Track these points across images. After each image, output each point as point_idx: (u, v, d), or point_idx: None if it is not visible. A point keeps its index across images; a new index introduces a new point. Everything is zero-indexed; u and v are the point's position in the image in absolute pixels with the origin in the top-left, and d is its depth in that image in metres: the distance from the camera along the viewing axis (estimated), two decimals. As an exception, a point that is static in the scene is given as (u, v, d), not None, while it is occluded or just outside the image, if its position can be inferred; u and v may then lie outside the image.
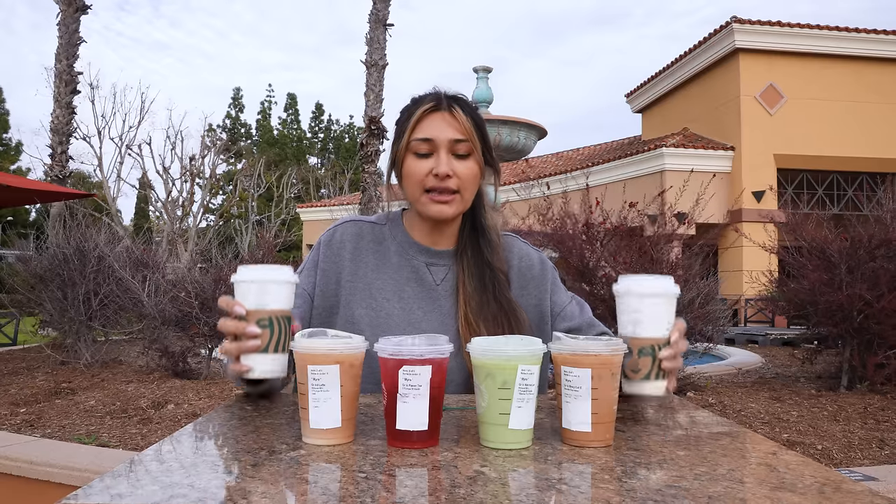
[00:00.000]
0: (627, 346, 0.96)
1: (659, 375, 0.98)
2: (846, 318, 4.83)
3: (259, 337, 0.93)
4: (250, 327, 0.93)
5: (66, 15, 10.67)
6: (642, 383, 0.98)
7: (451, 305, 1.30)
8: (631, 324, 0.98)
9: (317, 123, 45.72)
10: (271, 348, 0.94)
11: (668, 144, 14.25)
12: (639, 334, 0.97)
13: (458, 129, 1.23)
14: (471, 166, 1.24)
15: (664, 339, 0.97)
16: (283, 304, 0.95)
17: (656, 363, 0.97)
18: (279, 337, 0.94)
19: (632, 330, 0.98)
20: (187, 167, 21.98)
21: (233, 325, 0.95)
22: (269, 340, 0.93)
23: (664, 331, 0.97)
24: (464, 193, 1.25)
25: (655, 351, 0.97)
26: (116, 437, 3.57)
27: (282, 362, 0.95)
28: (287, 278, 0.95)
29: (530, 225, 6.16)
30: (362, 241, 1.34)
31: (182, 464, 0.75)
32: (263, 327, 0.93)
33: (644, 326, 0.97)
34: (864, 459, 3.23)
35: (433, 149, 1.23)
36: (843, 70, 14.70)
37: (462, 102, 1.26)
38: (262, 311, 0.93)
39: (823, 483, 0.70)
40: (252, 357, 0.94)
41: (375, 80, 10.21)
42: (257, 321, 0.93)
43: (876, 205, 5.55)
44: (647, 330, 0.97)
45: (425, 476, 0.72)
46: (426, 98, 1.27)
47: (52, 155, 10.71)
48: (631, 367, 0.98)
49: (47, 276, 6.27)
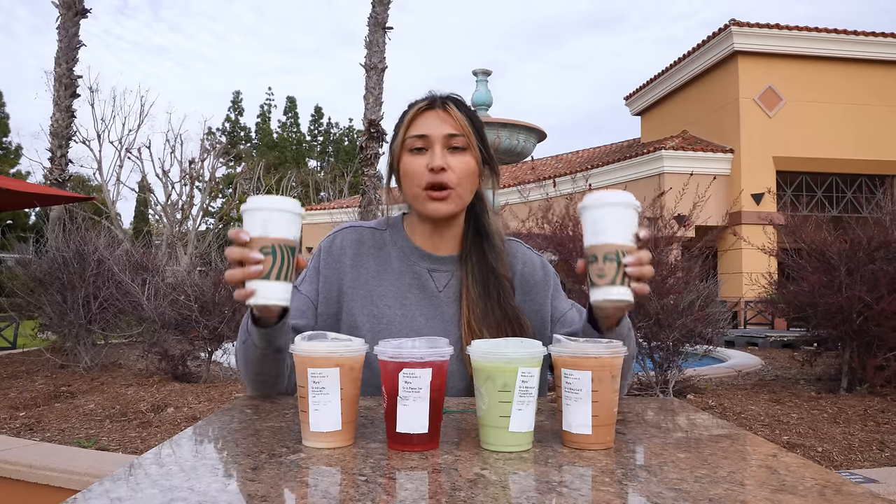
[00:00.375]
0: (592, 254, 0.98)
1: (624, 281, 0.98)
2: (846, 320, 4.83)
3: (262, 263, 0.95)
4: (253, 253, 0.95)
5: (66, 19, 10.68)
6: (608, 289, 0.98)
7: (453, 312, 1.29)
8: (595, 232, 0.99)
9: (316, 126, 45.78)
10: (273, 275, 0.95)
11: (667, 147, 14.26)
12: (603, 240, 0.98)
13: (453, 125, 1.23)
14: (467, 160, 1.24)
15: (629, 246, 0.98)
16: (287, 234, 0.96)
17: (621, 268, 0.97)
18: (282, 265, 0.95)
19: (595, 237, 0.99)
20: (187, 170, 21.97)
21: (237, 252, 0.96)
22: (271, 267, 0.95)
23: (628, 238, 0.98)
24: (459, 188, 1.24)
25: (620, 256, 0.97)
26: (116, 440, 3.56)
27: (284, 290, 0.96)
28: (291, 208, 0.97)
29: (530, 228, 6.16)
30: (363, 247, 1.33)
31: (182, 467, 0.75)
32: (266, 254, 0.95)
33: (608, 233, 0.98)
34: (865, 462, 3.23)
35: (428, 144, 1.23)
36: (842, 72, 14.72)
37: (456, 100, 1.27)
38: (265, 239, 0.95)
39: (824, 485, 0.70)
40: (255, 283, 0.95)
41: (375, 83, 10.22)
42: (261, 248, 0.95)
43: (875, 207, 5.55)
44: (611, 236, 0.98)
45: (426, 479, 0.72)
46: (421, 98, 1.28)
47: (51, 158, 10.72)
48: (596, 273, 0.99)
49: (47, 279, 6.27)
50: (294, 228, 0.97)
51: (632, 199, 0.99)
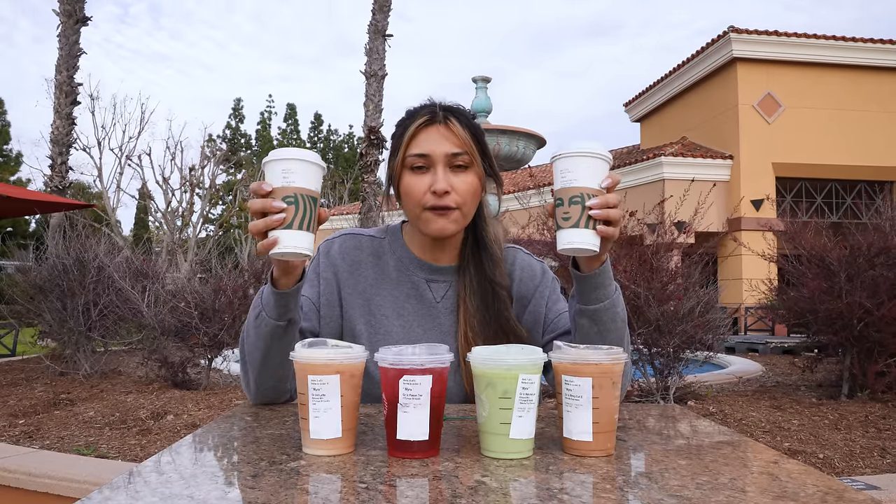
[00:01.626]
0: (559, 197, 1.00)
1: (588, 223, 0.99)
2: (846, 326, 4.82)
3: (285, 212, 0.95)
4: (276, 202, 0.95)
5: (67, 26, 10.71)
6: (572, 231, 0.99)
7: (451, 323, 1.29)
8: (563, 178, 1.00)
9: (316, 133, 45.87)
10: (296, 224, 0.95)
11: (666, 153, 14.28)
12: (570, 184, 0.99)
13: (455, 142, 1.19)
14: (470, 180, 1.20)
15: (595, 189, 0.99)
16: (309, 184, 0.96)
17: (586, 210, 0.98)
18: (304, 214, 0.95)
19: (563, 182, 1.00)
20: (187, 177, 22.00)
21: (259, 203, 0.96)
22: (293, 216, 0.95)
23: (595, 184, 0.99)
24: (463, 208, 1.21)
25: (584, 198, 0.98)
26: (115, 448, 3.55)
27: (308, 240, 0.96)
28: (312, 159, 0.97)
29: (530, 234, 6.16)
30: (361, 254, 1.32)
31: (181, 475, 0.75)
32: (289, 203, 0.95)
33: (575, 178, 0.99)
34: (866, 468, 3.22)
35: (430, 164, 1.19)
36: (841, 79, 14.76)
37: (458, 113, 1.22)
38: (287, 189, 0.95)
39: (826, 492, 0.69)
40: (278, 232, 0.95)
41: (375, 90, 10.24)
42: (283, 198, 0.95)
43: (875, 213, 5.55)
44: (578, 181, 0.99)
45: (426, 486, 0.72)
46: (421, 111, 1.22)
47: (52, 166, 10.72)
48: (561, 215, 1.00)
49: (47, 286, 6.26)
50: (315, 179, 0.97)
51: (603, 151, 1.00)
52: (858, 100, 14.68)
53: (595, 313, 1.13)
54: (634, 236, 5.30)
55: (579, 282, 1.12)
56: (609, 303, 1.13)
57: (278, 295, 1.10)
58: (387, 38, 10.38)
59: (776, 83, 14.57)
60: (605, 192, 1.00)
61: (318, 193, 0.98)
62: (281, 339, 1.13)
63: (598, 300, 1.12)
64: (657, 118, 18.42)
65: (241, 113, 44.32)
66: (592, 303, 1.12)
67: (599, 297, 1.12)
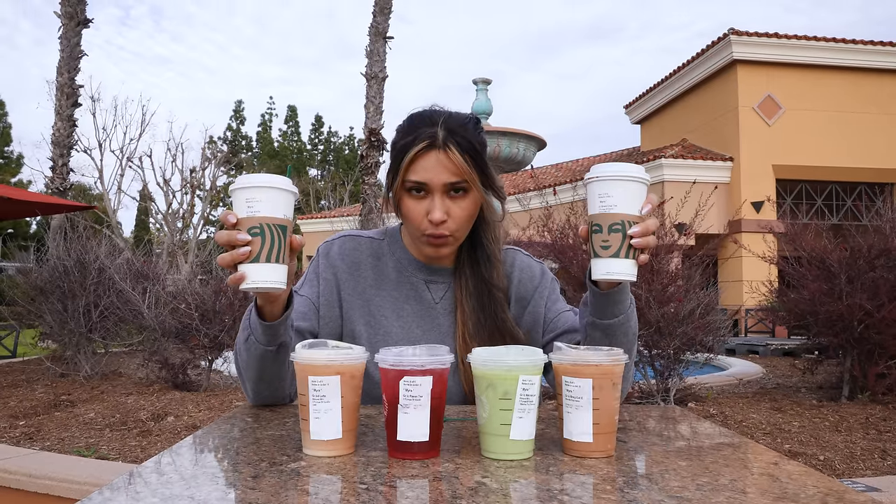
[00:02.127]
0: (596, 223, 0.96)
1: (629, 253, 0.95)
2: (846, 328, 4.82)
3: (250, 244, 0.91)
4: (240, 234, 0.91)
5: (68, 28, 10.72)
6: (611, 261, 0.96)
7: (449, 324, 1.29)
8: (601, 203, 0.96)
9: (317, 135, 45.89)
10: (263, 257, 0.91)
11: (667, 155, 14.29)
12: (609, 210, 0.95)
13: (453, 171, 1.17)
14: (467, 206, 1.20)
15: (635, 216, 0.95)
16: (276, 212, 0.91)
17: (627, 239, 0.95)
18: (272, 245, 0.91)
19: (601, 207, 0.96)
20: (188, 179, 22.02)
21: (224, 236, 0.92)
22: (260, 248, 0.91)
23: (635, 209, 0.96)
24: (457, 233, 1.22)
25: (626, 227, 0.94)
26: (116, 449, 3.55)
27: (277, 272, 0.92)
28: (278, 185, 0.92)
29: (530, 236, 6.16)
30: (360, 255, 1.33)
31: (182, 476, 0.75)
32: (254, 235, 0.91)
33: (615, 204, 0.95)
34: (867, 470, 3.21)
35: (427, 191, 1.19)
36: (841, 81, 14.76)
37: (459, 136, 1.17)
38: (252, 219, 0.91)
39: (826, 493, 0.69)
40: (245, 266, 0.92)
41: (375, 92, 10.25)
42: (248, 229, 0.91)
43: (875, 215, 5.55)
44: (617, 207, 0.95)
45: (426, 487, 0.72)
46: (421, 132, 1.17)
47: (53, 167, 10.73)
48: (600, 244, 0.96)
49: (48, 288, 6.27)
50: (284, 206, 0.93)
51: (641, 172, 0.96)
52: (858, 102, 14.69)
53: (609, 327, 1.13)
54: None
55: (597, 297, 1.11)
56: (624, 318, 1.13)
57: (265, 325, 1.09)
58: (387, 41, 10.38)
59: (776, 85, 14.57)
60: (645, 219, 0.97)
61: (288, 221, 0.93)
62: (274, 360, 1.13)
63: (613, 315, 1.12)
64: (657, 120, 18.43)
65: (242, 115, 44.36)
66: (608, 317, 1.12)
67: (615, 313, 1.12)
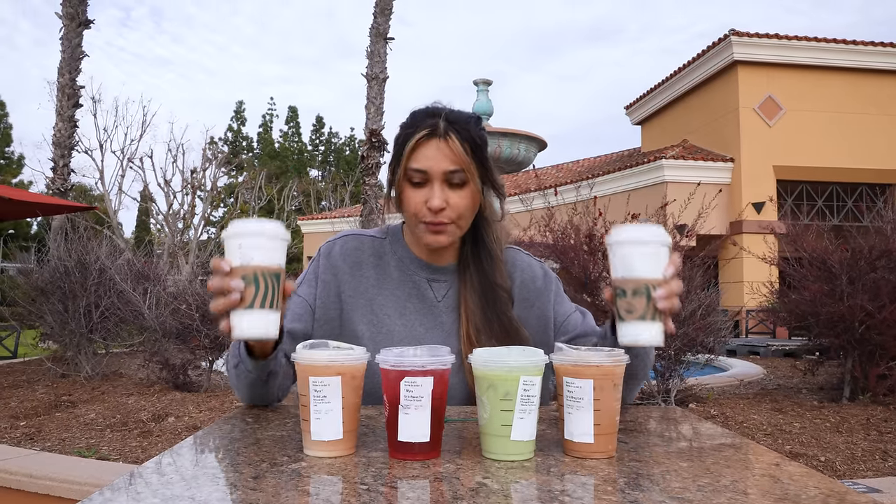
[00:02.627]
0: (620, 288, 0.95)
1: (655, 316, 0.94)
2: (847, 329, 4.82)
3: (243, 293, 0.90)
4: (233, 282, 0.90)
5: (69, 29, 10.73)
6: (637, 325, 0.95)
7: (452, 322, 1.29)
8: (624, 267, 0.95)
9: (317, 136, 45.91)
10: (256, 304, 0.90)
11: (667, 156, 14.28)
12: (632, 275, 0.95)
13: (453, 160, 1.18)
14: (466, 196, 1.20)
15: (659, 280, 0.95)
16: (268, 260, 0.91)
17: (651, 303, 0.94)
18: (265, 294, 0.90)
19: (624, 272, 0.95)
20: (188, 180, 22.05)
21: (217, 282, 0.92)
22: (253, 297, 0.89)
23: (658, 272, 0.95)
24: (459, 222, 1.22)
25: (650, 290, 0.94)
26: (116, 450, 3.55)
27: (268, 320, 0.91)
28: (272, 232, 0.91)
29: (531, 236, 6.16)
30: (362, 255, 1.33)
31: (182, 476, 0.75)
32: (248, 283, 0.89)
33: (637, 268, 0.95)
34: (868, 471, 3.21)
35: (427, 179, 1.19)
36: (842, 82, 14.76)
37: (459, 127, 1.19)
38: (245, 268, 0.90)
39: (828, 494, 0.69)
40: (237, 313, 0.91)
41: (376, 92, 10.25)
42: (241, 277, 0.90)
43: (876, 216, 5.55)
44: (640, 271, 0.94)
45: (427, 488, 0.72)
46: (423, 122, 1.20)
47: (53, 168, 10.74)
48: (625, 308, 0.95)
49: (48, 288, 6.27)
50: (276, 254, 0.92)
51: (663, 235, 0.96)
52: (859, 103, 14.69)
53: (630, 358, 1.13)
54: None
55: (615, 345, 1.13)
56: (644, 352, 1.15)
57: (254, 362, 1.09)
58: (388, 41, 10.39)
59: (777, 86, 14.58)
60: (669, 281, 0.96)
61: (281, 268, 0.92)
62: (264, 384, 1.14)
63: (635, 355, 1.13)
64: (658, 121, 18.43)
65: (243, 115, 44.38)
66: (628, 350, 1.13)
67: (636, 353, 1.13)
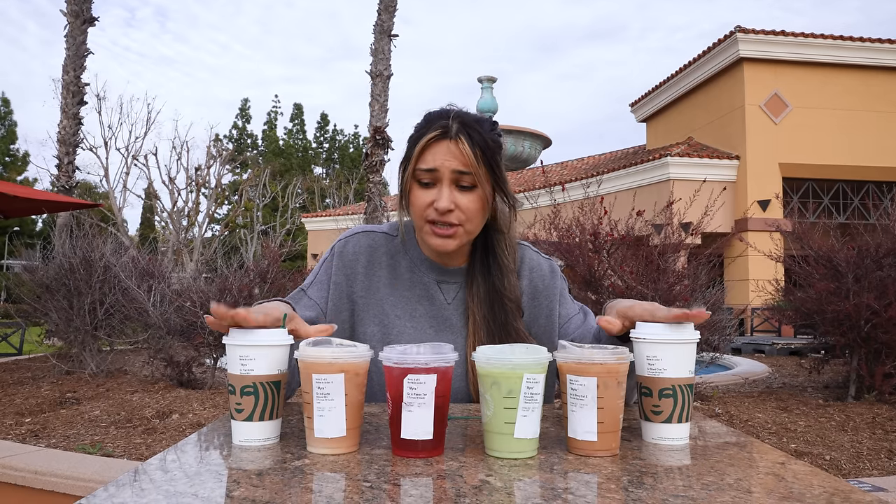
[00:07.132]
0: (646, 387, 0.93)
1: (681, 417, 0.92)
2: (853, 327, 4.80)
3: (242, 403, 0.90)
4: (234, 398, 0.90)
5: (74, 27, 10.75)
6: (662, 426, 0.92)
7: (462, 325, 1.29)
8: (649, 366, 0.93)
9: (322, 134, 45.96)
10: (256, 416, 0.90)
11: (672, 153, 14.25)
12: (658, 374, 0.92)
13: (462, 161, 1.17)
14: (474, 199, 1.19)
15: (686, 380, 0.92)
16: (270, 370, 0.91)
17: (678, 404, 0.91)
18: (266, 404, 0.90)
19: (650, 371, 0.93)
20: (193, 177, 22.09)
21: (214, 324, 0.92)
22: (252, 408, 0.90)
23: (685, 371, 0.93)
24: (467, 225, 1.20)
25: (677, 392, 0.91)
26: (121, 446, 3.56)
27: (270, 428, 0.91)
28: (273, 341, 0.91)
29: (535, 233, 6.15)
30: (376, 254, 1.32)
31: (186, 473, 0.75)
32: (248, 394, 0.90)
33: (665, 368, 0.92)
34: (873, 470, 3.20)
35: (436, 179, 1.18)
36: (848, 79, 14.70)
37: (471, 129, 1.18)
38: (246, 378, 0.90)
39: (832, 493, 0.69)
40: (237, 423, 0.91)
41: (380, 90, 10.25)
42: (242, 388, 0.90)
43: (883, 213, 5.53)
44: (667, 371, 0.92)
45: (430, 485, 0.72)
46: (435, 123, 1.19)
47: (58, 165, 10.76)
48: (650, 408, 0.92)
49: (53, 285, 6.29)
50: (278, 362, 0.92)
51: (690, 332, 0.93)
52: (866, 100, 14.62)
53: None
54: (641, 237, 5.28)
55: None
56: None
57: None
58: (392, 39, 10.38)
59: (783, 83, 14.52)
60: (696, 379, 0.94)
61: (283, 375, 0.93)
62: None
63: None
64: (663, 118, 18.38)
65: (248, 113, 44.48)
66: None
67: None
